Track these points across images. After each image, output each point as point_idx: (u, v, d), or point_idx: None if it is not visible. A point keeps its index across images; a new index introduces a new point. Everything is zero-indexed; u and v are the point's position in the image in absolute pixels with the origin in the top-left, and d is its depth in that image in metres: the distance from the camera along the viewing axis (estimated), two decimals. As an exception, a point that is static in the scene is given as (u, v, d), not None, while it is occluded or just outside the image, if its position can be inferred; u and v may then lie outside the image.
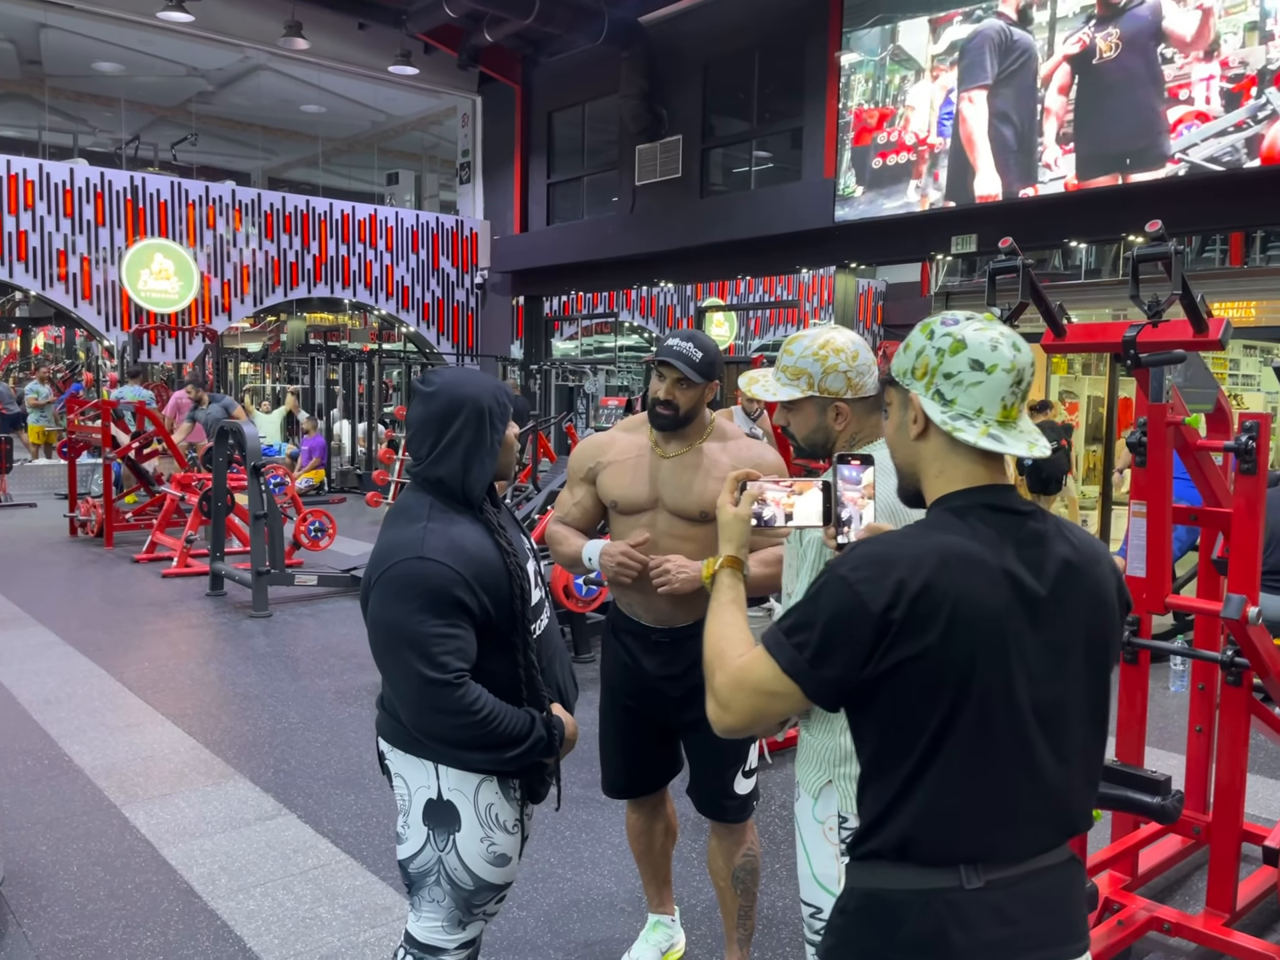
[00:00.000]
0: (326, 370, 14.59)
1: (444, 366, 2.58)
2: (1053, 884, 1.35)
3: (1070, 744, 1.36)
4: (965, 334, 1.37)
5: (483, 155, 17.41)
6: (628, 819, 2.84)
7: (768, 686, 1.34)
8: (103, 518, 9.69)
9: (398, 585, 1.97)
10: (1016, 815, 1.32)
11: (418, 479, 2.12)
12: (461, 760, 2.04)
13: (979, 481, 1.38)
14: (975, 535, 1.33)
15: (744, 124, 13.78)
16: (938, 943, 1.28)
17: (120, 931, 3.04)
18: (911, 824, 1.31)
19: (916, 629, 1.27)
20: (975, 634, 1.28)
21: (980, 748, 1.29)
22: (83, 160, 15.76)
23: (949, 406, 1.37)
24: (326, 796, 4.03)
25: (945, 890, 1.29)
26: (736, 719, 1.38)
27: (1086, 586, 1.39)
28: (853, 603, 1.28)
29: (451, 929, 2.12)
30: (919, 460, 1.42)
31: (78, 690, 5.28)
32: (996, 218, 10.07)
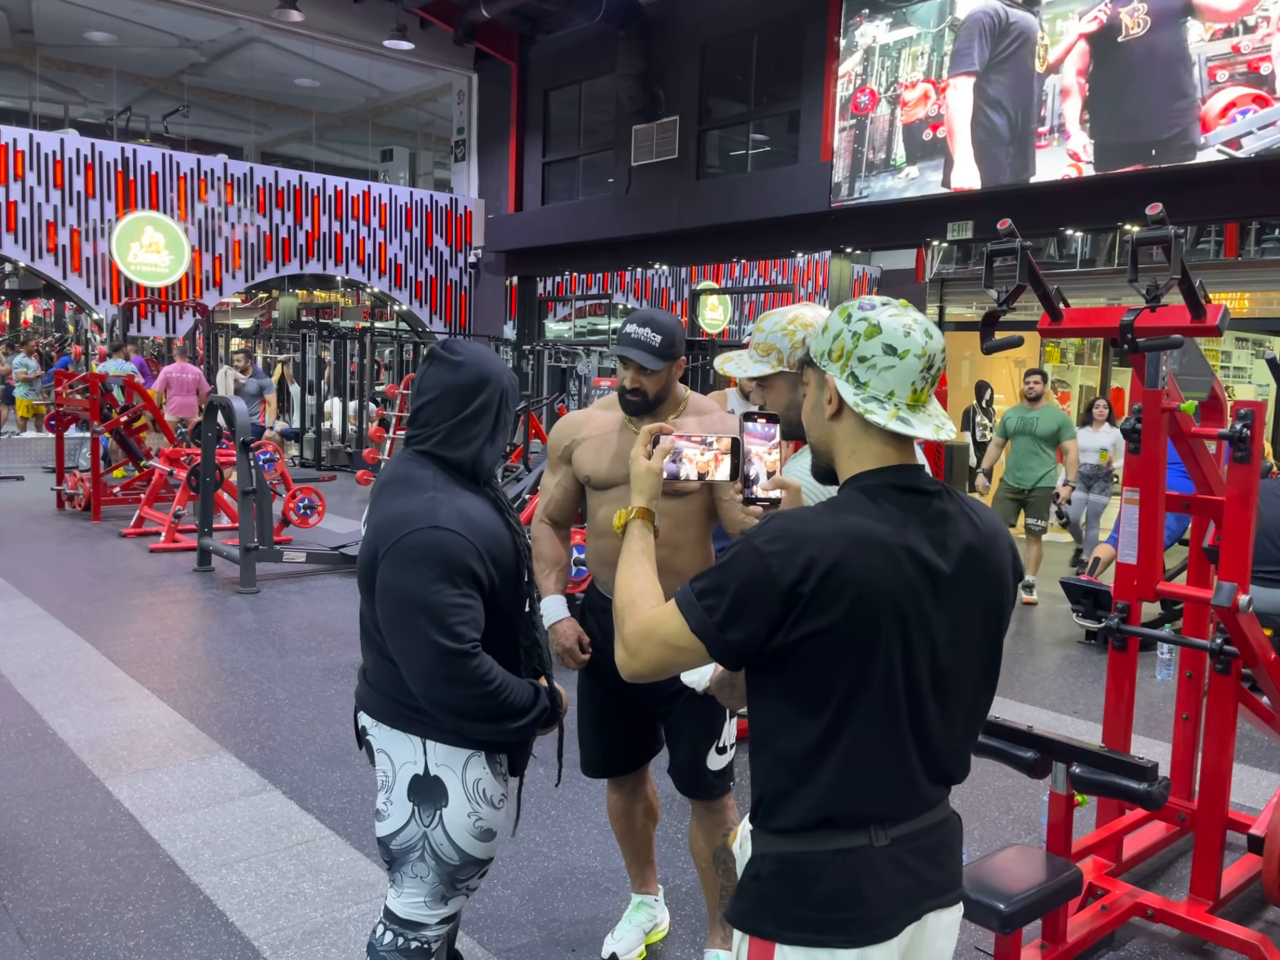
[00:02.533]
0: (318, 348, 14.49)
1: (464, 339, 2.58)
2: (942, 837, 1.47)
3: (958, 707, 1.46)
4: (880, 319, 1.41)
5: (478, 133, 17.29)
6: (608, 799, 2.83)
7: (675, 641, 1.41)
8: (90, 491, 9.63)
9: (414, 555, 1.94)
10: (912, 776, 1.41)
11: (420, 449, 2.08)
12: (467, 731, 2.01)
13: (889, 462, 1.43)
14: (883, 515, 1.38)
15: (741, 106, 13.70)
16: (853, 895, 1.37)
17: (102, 905, 3.02)
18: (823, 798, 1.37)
19: (823, 605, 1.32)
20: (879, 611, 1.34)
21: (884, 718, 1.37)
22: (73, 131, 15.60)
23: (862, 389, 1.41)
24: (311, 772, 4.02)
25: (857, 849, 1.38)
26: (643, 666, 1.46)
27: (986, 563, 1.46)
28: (763, 574, 1.33)
29: (434, 904, 2.11)
30: (833, 440, 1.47)
31: (62, 664, 5.25)
32: (994, 203, 10.03)
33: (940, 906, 1.45)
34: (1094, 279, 11.86)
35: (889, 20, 10.82)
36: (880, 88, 10.96)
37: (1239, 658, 2.86)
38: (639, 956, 2.80)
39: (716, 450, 1.59)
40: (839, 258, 12.37)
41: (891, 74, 10.87)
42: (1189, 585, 3.34)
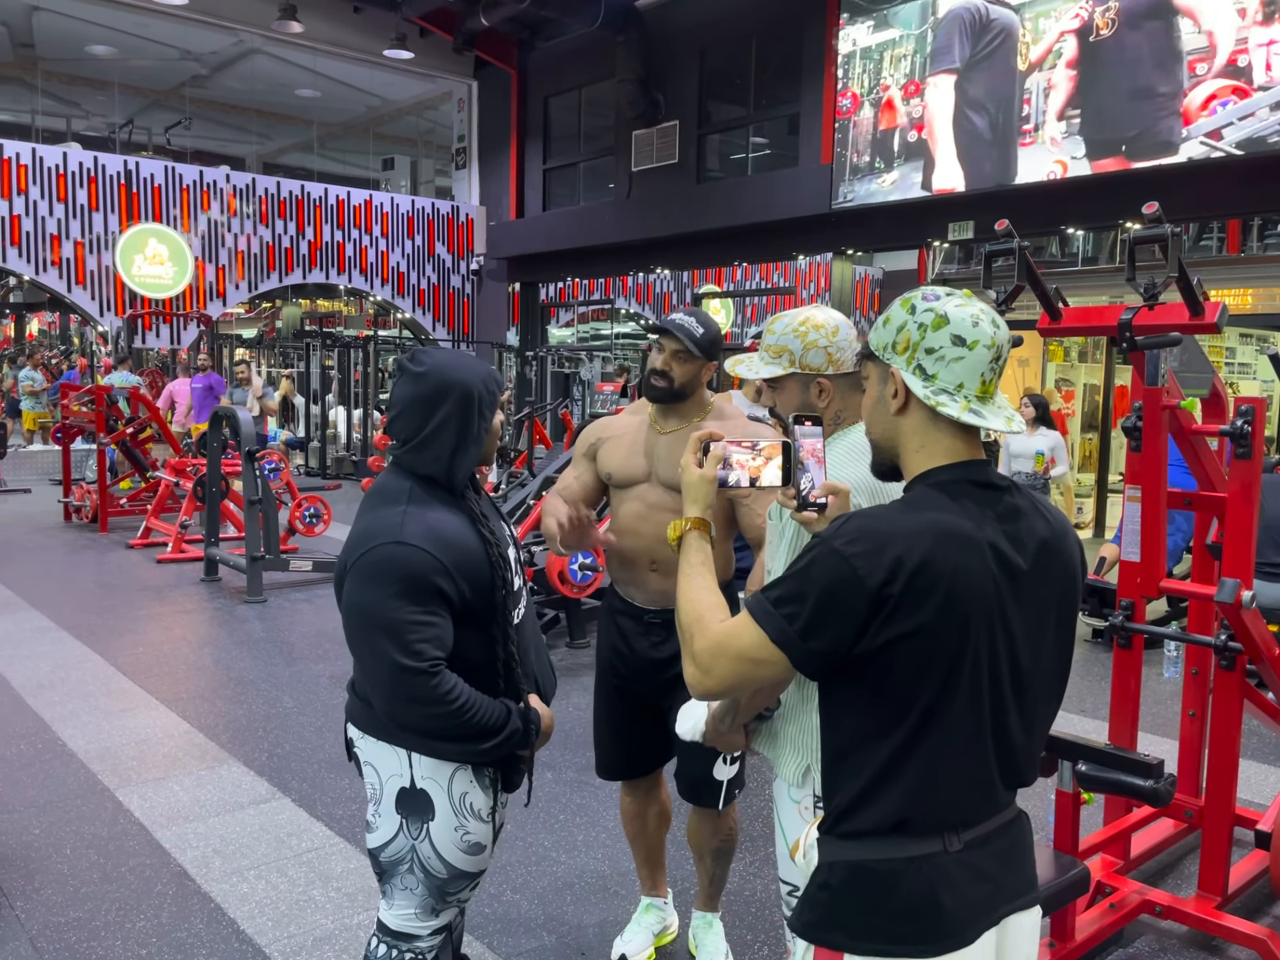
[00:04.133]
0: (322, 356, 14.54)
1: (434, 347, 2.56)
2: (1014, 838, 1.43)
3: (1035, 709, 1.42)
4: (947, 309, 1.38)
5: (478, 140, 17.34)
6: (621, 802, 2.84)
7: (752, 654, 1.35)
8: (97, 503, 9.67)
9: (375, 570, 1.92)
10: (991, 779, 1.37)
11: (398, 462, 2.08)
12: (435, 749, 2.00)
13: (960, 456, 1.40)
14: (964, 511, 1.35)
15: (741, 110, 13.74)
16: (930, 905, 1.32)
17: (114, 914, 3.04)
18: (903, 802, 1.33)
19: (913, 606, 1.28)
20: (970, 610, 1.30)
21: (967, 721, 1.33)
22: (76, 144, 15.67)
23: (930, 381, 1.38)
24: (320, 780, 4.03)
25: (931, 855, 1.34)
26: (717, 684, 1.39)
27: (1060, 559, 1.43)
28: (848, 577, 1.28)
29: (424, 916, 2.10)
30: (898, 435, 1.43)
31: (71, 675, 5.28)
32: (994, 204, 10.04)
33: (1019, 909, 1.42)
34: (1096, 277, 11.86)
35: (870, 23, 10.85)
36: (863, 91, 11.00)
37: (1243, 654, 2.86)
38: (648, 958, 2.81)
39: (766, 455, 1.55)
40: (840, 259, 12.38)
41: (874, 76, 10.93)
42: (1193, 582, 3.34)
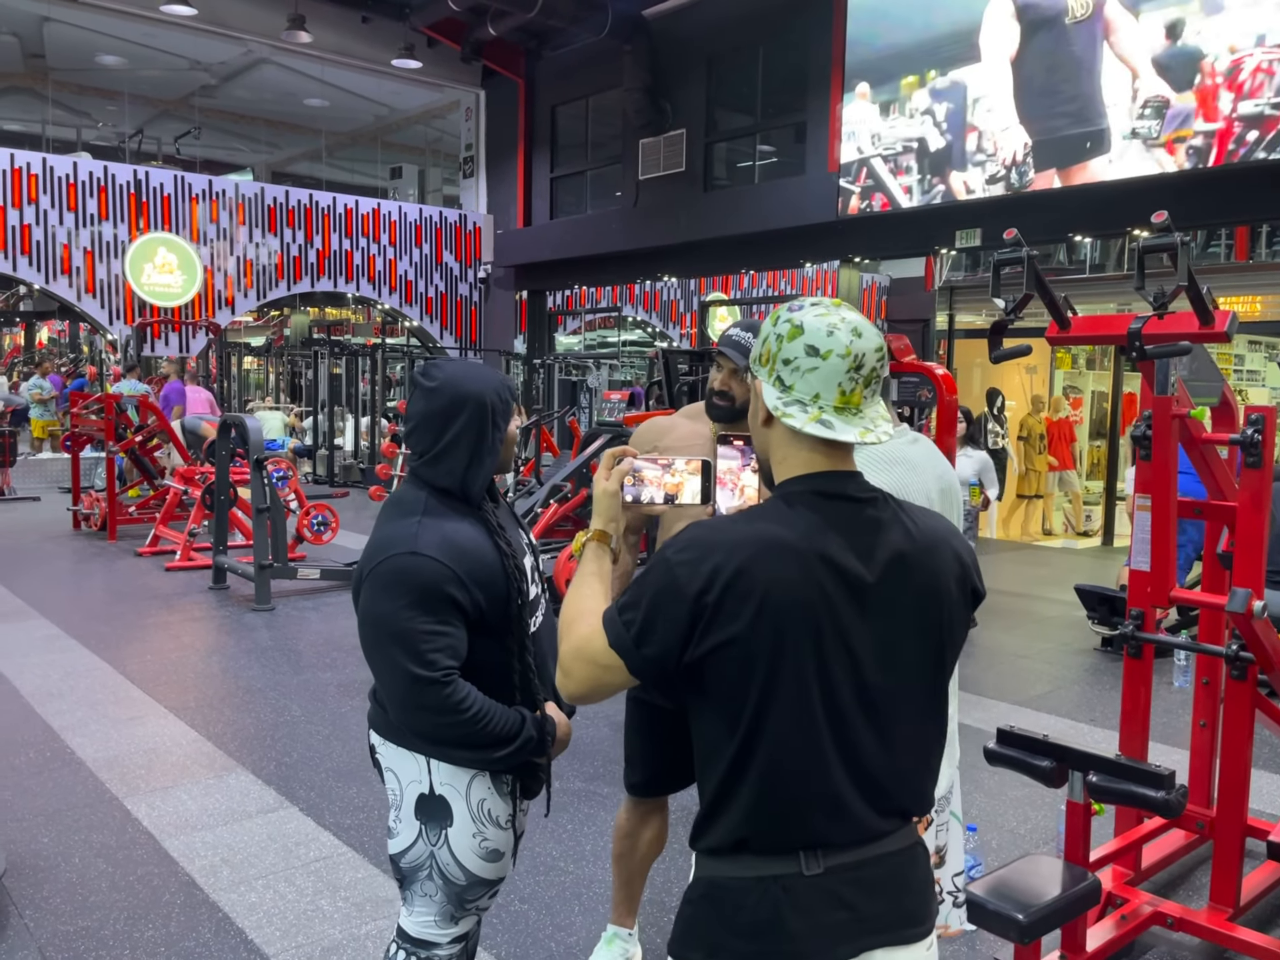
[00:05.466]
0: (330, 365, 14.58)
1: (446, 359, 2.59)
2: (893, 869, 1.37)
3: (899, 730, 1.37)
4: (804, 319, 1.37)
5: (486, 149, 17.39)
6: (618, 818, 2.78)
7: (600, 659, 1.38)
8: (106, 511, 9.70)
9: (388, 580, 1.95)
10: (842, 801, 1.32)
11: (415, 473, 2.10)
12: (451, 756, 2.02)
13: (817, 468, 1.38)
14: (796, 522, 1.34)
15: (748, 118, 13.76)
16: (775, 928, 1.30)
17: (122, 923, 3.04)
18: (742, 819, 1.33)
19: (729, 614, 1.29)
20: (786, 621, 1.29)
21: (798, 736, 1.31)
22: (86, 154, 15.75)
23: (787, 392, 1.37)
24: (328, 789, 4.03)
25: (783, 876, 1.31)
26: (576, 686, 1.42)
27: (920, 572, 1.39)
28: (671, 584, 1.31)
29: (444, 924, 2.11)
30: (767, 446, 1.44)
31: (80, 683, 5.29)
32: (1000, 212, 10.04)
33: (892, 944, 1.35)
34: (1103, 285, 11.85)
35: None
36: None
37: (1255, 663, 2.84)
38: None
39: (685, 472, 1.58)
40: (848, 267, 12.38)
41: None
42: (1203, 591, 3.32)
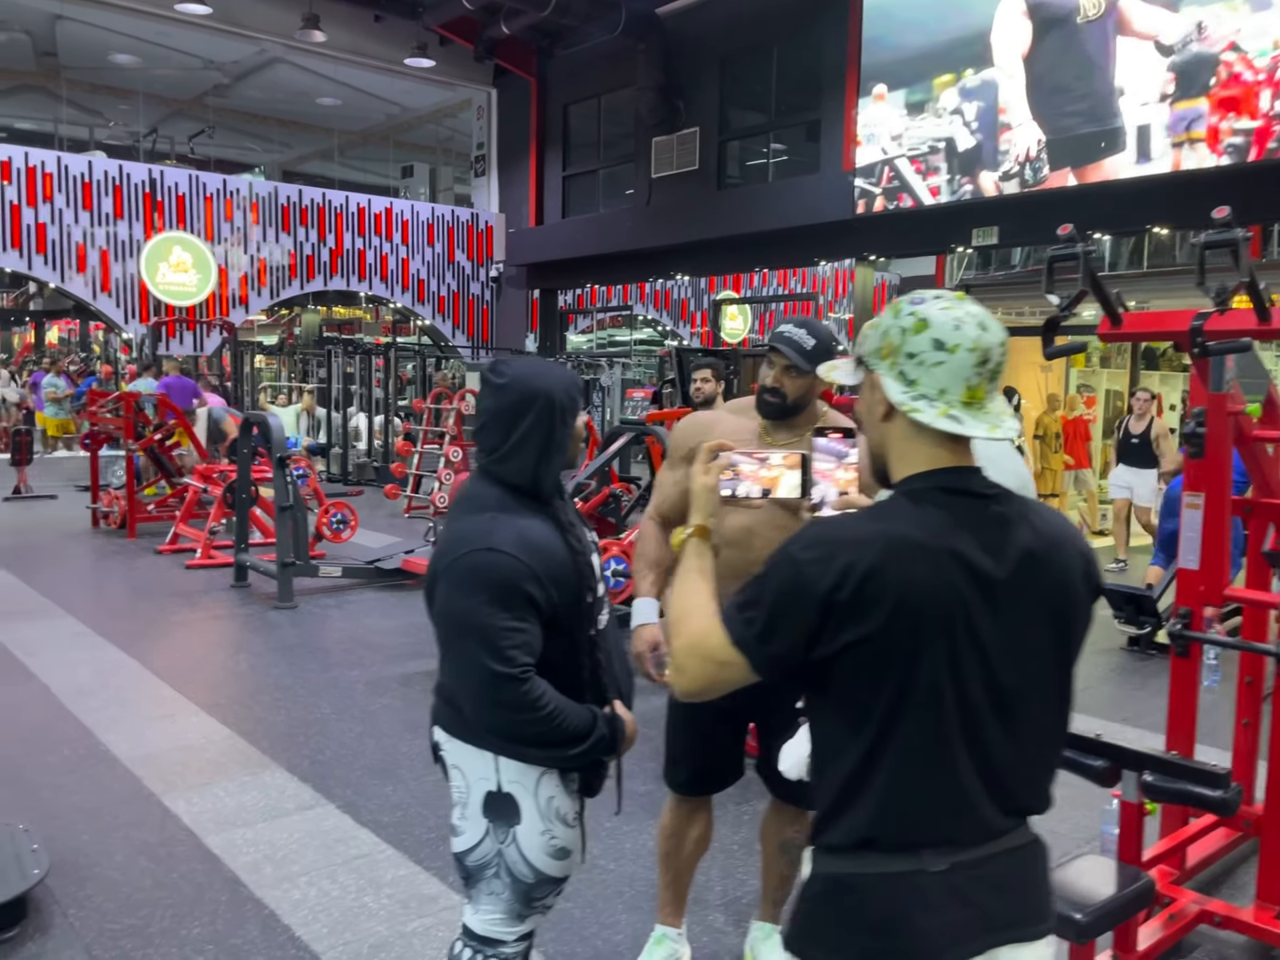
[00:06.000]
0: (344, 363, 14.59)
1: (515, 357, 2.61)
2: (1015, 866, 1.36)
3: (1027, 727, 1.36)
4: (929, 313, 1.35)
5: (498, 148, 17.40)
6: (663, 818, 2.76)
7: (718, 656, 1.37)
8: (125, 509, 9.71)
9: (466, 576, 1.95)
10: (970, 799, 1.32)
11: (485, 469, 2.10)
12: (521, 754, 2.01)
13: (940, 464, 1.37)
14: (925, 519, 1.32)
15: (762, 116, 13.74)
16: (902, 925, 1.29)
17: (168, 921, 3.04)
18: (869, 818, 1.31)
19: (861, 613, 1.27)
20: (921, 619, 1.28)
21: (931, 734, 1.30)
22: (101, 153, 15.78)
23: (911, 387, 1.35)
24: (364, 787, 4.03)
25: (909, 874, 1.30)
26: (690, 683, 1.42)
27: (1049, 569, 1.38)
28: (799, 582, 1.30)
29: (510, 922, 2.10)
30: (886, 442, 1.42)
31: (110, 680, 5.30)
32: (1017, 210, 10.02)
33: (1015, 941, 1.35)
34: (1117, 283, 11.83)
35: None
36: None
37: (1305, 662, 2.84)
38: None
39: (783, 466, 1.55)
40: (863, 265, 12.37)
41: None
42: (1248, 589, 3.31)
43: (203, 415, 10.90)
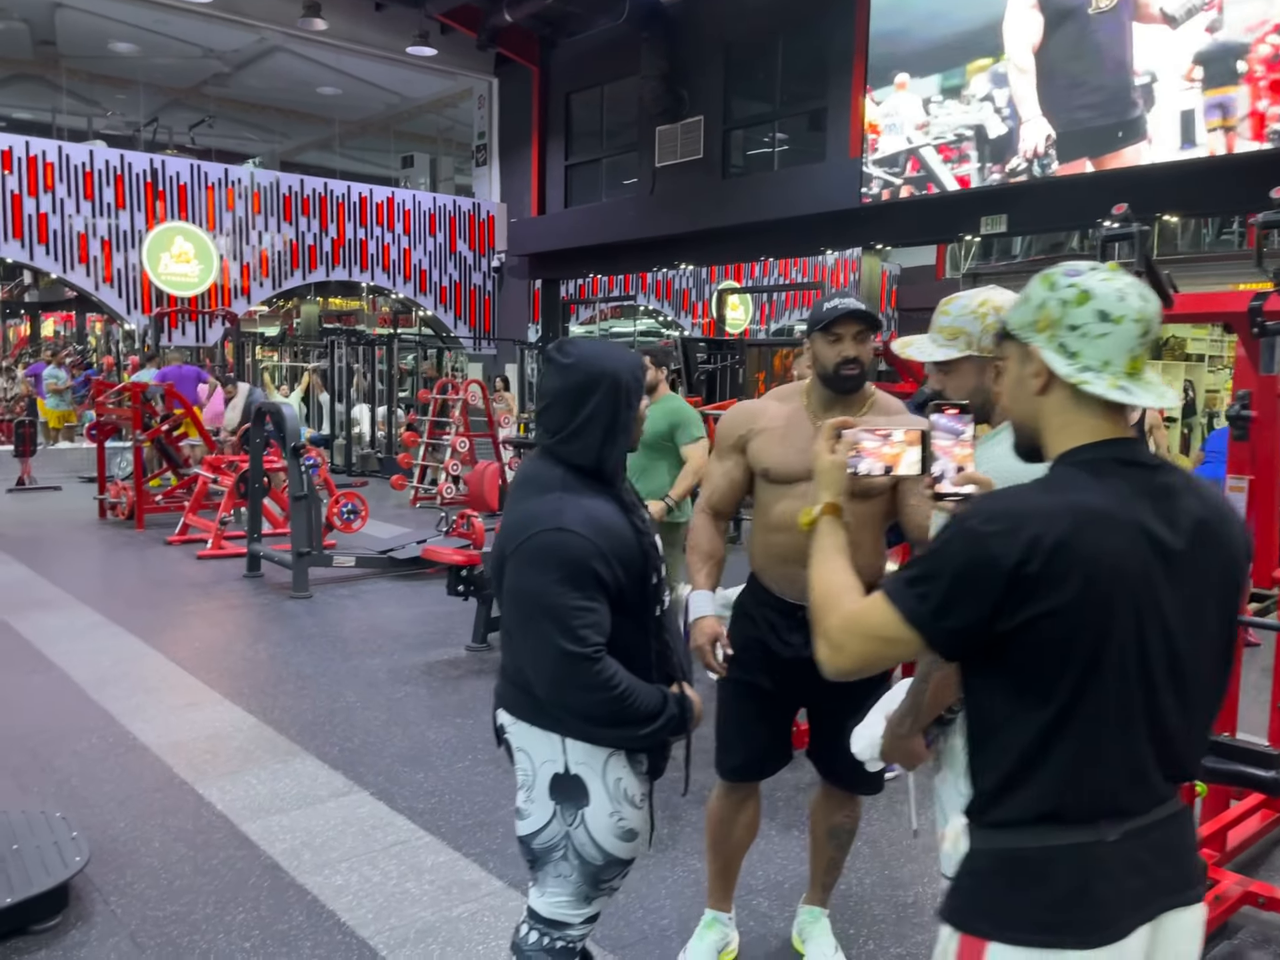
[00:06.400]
0: (347, 354, 14.54)
1: (580, 337, 2.59)
2: (1174, 832, 1.38)
3: (1195, 696, 1.37)
4: (1091, 284, 1.34)
5: (499, 137, 17.34)
6: (711, 805, 2.75)
7: (884, 633, 1.36)
8: (133, 500, 9.68)
9: (538, 556, 1.94)
10: (1143, 768, 1.33)
11: (549, 451, 2.08)
12: (591, 735, 2.00)
13: (1104, 435, 1.36)
14: (1110, 491, 1.31)
15: (767, 104, 13.70)
16: (1083, 896, 1.29)
17: (211, 907, 3.03)
18: (1052, 789, 1.31)
19: (1050, 586, 1.26)
20: (1112, 591, 1.27)
21: (1115, 705, 1.30)
22: (101, 142, 15.69)
23: (1074, 359, 1.35)
24: (396, 774, 4.02)
25: (1086, 845, 1.31)
26: (848, 662, 1.40)
27: (1220, 539, 1.38)
28: (984, 556, 1.27)
29: (578, 904, 2.09)
30: (1040, 415, 1.40)
31: (132, 669, 5.28)
32: (1027, 198, 10.01)
33: (1178, 905, 1.37)
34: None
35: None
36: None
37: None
38: None
39: (903, 443, 1.54)
40: (870, 254, 12.35)
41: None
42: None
43: (243, 392, 10.86)
